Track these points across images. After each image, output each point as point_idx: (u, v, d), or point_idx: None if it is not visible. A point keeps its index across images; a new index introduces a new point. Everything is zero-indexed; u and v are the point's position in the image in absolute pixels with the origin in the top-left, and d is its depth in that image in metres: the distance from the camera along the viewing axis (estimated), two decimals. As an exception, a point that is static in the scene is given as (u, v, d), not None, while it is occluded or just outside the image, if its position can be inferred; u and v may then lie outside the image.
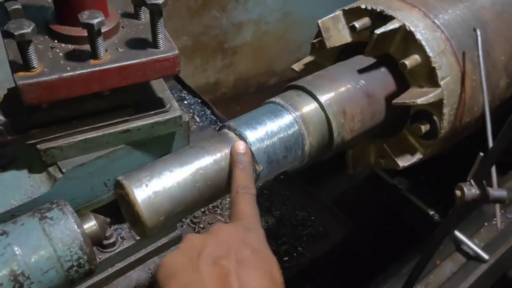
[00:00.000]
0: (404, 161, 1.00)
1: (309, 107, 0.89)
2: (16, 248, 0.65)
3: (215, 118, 1.76)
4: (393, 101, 0.93)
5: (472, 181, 0.80)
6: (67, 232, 0.68)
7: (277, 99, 0.91)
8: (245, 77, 3.53)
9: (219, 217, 1.42)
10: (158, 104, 1.02)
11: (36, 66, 0.83)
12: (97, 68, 0.86)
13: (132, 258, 1.17)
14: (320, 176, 1.82)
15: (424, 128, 0.94)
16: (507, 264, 1.64)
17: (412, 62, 0.90)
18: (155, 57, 0.90)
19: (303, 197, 1.59)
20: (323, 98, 0.90)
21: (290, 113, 0.88)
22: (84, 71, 0.85)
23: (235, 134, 0.85)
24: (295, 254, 1.44)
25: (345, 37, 1.03)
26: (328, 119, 0.89)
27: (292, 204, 1.57)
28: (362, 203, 1.72)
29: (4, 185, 0.94)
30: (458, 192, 0.79)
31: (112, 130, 0.97)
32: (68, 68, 0.85)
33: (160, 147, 1.08)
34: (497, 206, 0.89)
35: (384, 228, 1.71)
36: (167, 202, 0.76)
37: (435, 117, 0.93)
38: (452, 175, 2.00)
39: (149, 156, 1.07)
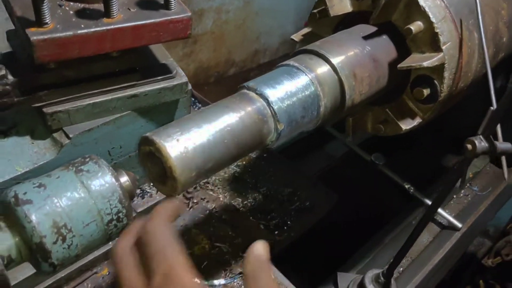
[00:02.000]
0: (406, 125, 1.05)
1: (322, 69, 0.92)
2: (56, 200, 0.62)
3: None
4: (399, 66, 0.97)
5: (481, 136, 0.85)
6: (106, 185, 0.66)
7: (290, 61, 0.93)
8: (205, 66, 3.51)
9: (210, 192, 1.42)
10: (164, 70, 1.01)
11: (48, 22, 0.80)
12: (111, 27, 0.84)
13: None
14: (299, 154, 1.85)
15: (426, 92, 0.99)
16: (476, 231, 1.75)
17: (416, 28, 0.95)
18: (168, 18, 0.89)
19: (288, 173, 1.61)
20: (335, 60, 0.92)
21: (305, 74, 0.90)
22: (98, 29, 0.83)
23: (256, 93, 0.85)
24: (285, 228, 1.46)
25: (347, 6, 1.06)
26: (341, 81, 0.92)
27: (277, 180, 1.59)
28: (341, 179, 1.77)
29: (7, 151, 0.89)
30: (469, 146, 0.85)
31: (120, 95, 0.95)
32: (82, 26, 0.82)
33: (163, 116, 1.06)
34: (503, 158, 0.95)
35: (363, 201, 1.78)
36: (199, 157, 0.75)
37: (435, 82, 0.98)
38: (420, 153, 2.11)
39: (152, 124, 1.05)
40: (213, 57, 3.51)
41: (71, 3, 0.86)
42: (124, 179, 0.69)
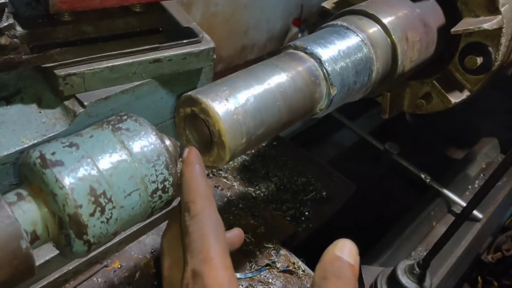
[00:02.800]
0: (455, 98, 0.96)
1: (373, 30, 0.82)
2: (93, 162, 0.50)
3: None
4: (452, 29, 0.88)
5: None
6: (150, 147, 0.54)
7: (337, 21, 0.82)
8: (194, 60, 3.39)
9: (224, 180, 1.30)
10: (189, 34, 0.89)
11: (68, -37, 0.67)
12: (140, -28, 0.71)
13: (145, 221, 1.01)
14: (307, 144, 1.75)
15: (479, 60, 0.90)
16: (496, 222, 1.68)
17: (473, -13, 0.86)
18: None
19: (300, 162, 1.51)
20: (386, 20, 0.83)
21: (356, 34, 0.79)
22: (126, -27, 0.70)
23: (306, 53, 0.74)
24: (303, 219, 1.35)
25: (389, -33, 0.96)
26: (394, 43, 0.82)
27: (290, 169, 1.48)
28: (352, 169, 1.68)
29: (11, 120, 0.76)
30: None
31: (141, 58, 0.82)
32: (107, -31, 0.69)
33: (184, 88, 0.94)
34: None
35: (376, 192, 1.69)
36: (250, 121, 0.64)
37: (490, 49, 0.89)
38: (438, 142, 2.04)
39: (172, 97, 0.93)
40: (201, 51, 3.39)
41: None
42: (168, 142, 0.57)
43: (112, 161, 0.51)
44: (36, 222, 0.48)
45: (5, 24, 0.65)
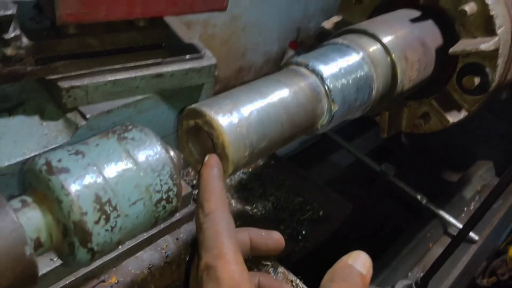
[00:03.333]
0: (453, 118, 0.97)
1: (373, 48, 0.83)
2: (99, 170, 0.50)
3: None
4: (451, 50, 0.89)
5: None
6: (155, 156, 0.54)
7: (338, 40, 0.84)
8: (190, 82, 3.41)
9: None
10: (192, 49, 0.90)
11: (75, -23, 0.68)
12: (146, -12, 0.73)
13: (143, 236, 1.00)
14: (303, 164, 1.76)
15: (477, 80, 0.91)
16: (492, 244, 1.68)
17: (471, 9, 0.88)
18: (207, -17, 0.78)
19: (297, 182, 1.51)
20: (386, 40, 0.84)
21: (357, 52, 0.81)
22: (131, -12, 0.72)
23: (308, 69, 0.75)
24: (299, 238, 1.35)
25: (387, -10, 0.99)
26: (394, 62, 0.84)
27: (287, 189, 1.49)
28: (350, 190, 1.68)
29: (13, 131, 0.76)
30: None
31: (144, 73, 0.83)
32: (113, -16, 0.71)
33: (186, 103, 0.94)
34: None
35: (375, 212, 1.69)
36: (253, 134, 0.64)
37: (487, 70, 0.91)
38: (433, 164, 2.05)
39: (173, 112, 0.94)
40: (198, 72, 3.41)
41: (97, -39, 0.75)
42: (173, 153, 0.57)
43: (118, 170, 0.51)
44: (40, 229, 0.48)
45: (12, 35, 0.66)
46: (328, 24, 1.07)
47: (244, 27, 3.51)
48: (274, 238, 0.69)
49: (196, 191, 0.58)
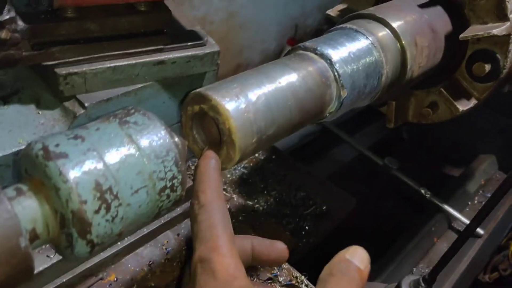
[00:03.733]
0: (462, 106, 0.94)
1: (383, 33, 0.80)
2: (99, 156, 0.46)
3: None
4: (461, 35, 0.87)
5: None
6: (159, 141, 0.51)
7: (346, 25, 0.81)
8: (187, 79, 3.37)
9: (226, 194, 1.27)
10: (194, 36, 0.87)
11: (73, -44, 0.65)
12: (147, -31, 0.69)
13: (143, 232, 0.97)
14: (305, 159, 1.73)
15: (487, 67, 0.88)
16: (497, 238, 1.66)
17: (481, -6, 0.85)
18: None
19: (299, 176, 1.48)
20: (396, 24, 0.81)
21: (367, 37, 0.78)
22: (132, -32, 0.68)
23: (316, 54, 0.72)
24: (303, 233, 1.32)
25: (395, -25, 0.96)
26: (403, 48, 0.81)
27: (288, 184, 1.45)
28: (353, 184, 1.65)
29: (8, 120, 0.72)
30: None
31: (145, 60, 0.80)
32: (112, -36, 0.67)
33: (187, 92, 0.91)
34: None
35: (378, 207, 1.66)
36: (261, 120, 0.61)
37: (498, 56, 0.88)
38: (436, 159, 2.02)
39: (174, 102, 0.90)
40: (196, 69, 3.38)
41: None
42: (177, 139, 0.54)
43: (119, 155, 0.48)
44: (36, 220, 0.44)
45: (6, 17, 0.62)
46: (333, 11, 1.04)
47: (242, 24, 3.47)
48: (277, 249, 0.67)
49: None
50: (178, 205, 0.55)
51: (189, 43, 0.84)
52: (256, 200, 1.35)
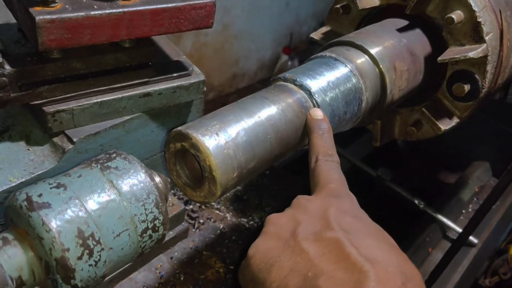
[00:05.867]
0: (444, 125, 0.96)
1: (361, 60, 0.82)
2: (80, 203, 0.48)
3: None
4: (439, 58, 0.89)
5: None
6: (140, 185, 0.53)
7: (325, 53, 0.83)
8: (184, 90, 3.39)
9: (216, 212, 1.28)
10: (179, 67, 0.89)
11: (56, 1, 0.67)
12: (129, 9, 0.72)
13: (136, 256, 0.99)
14: (299, 171, 1.74)
15: (467, 88, 0.91)
16: (491, 246, 1.67)
17: (458, 17, 0.87)
18: (191, 2, 0.78)
19: (293, 191, 1.49)
20: (374, 51, 0.83)
21: (345, 65, 0.80)
22: (114, 11, 0.71)
23: (295, 85, 0.75)
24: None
25: (373, 0, 0.98)
26: (382, 73, 0.83)
27: (283, 199, 1.47)
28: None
29: (-2, 159, 0.74)
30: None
31: (131, 93, 0.82)
32: (95, 7, 0.70)
33: (175, 120, 0.94)
34: None
35: (373, 218, 1.67)
36: (241, 155, 0.63)
37: (477, 76, 0.90)
38: (430, 166, 2.03)
39: (163, 130, 0.93)
40: (192, 81, 3.40)
41: (79, -16, 0.74)
42: (158, 179, 0.56)
43: (101, 201, 0.50)
44: (22, 268, 0.47)
45: (-7, 63, 0.65)
46: (316, 35, 1.06)
47: (236, 34, 3.51)
48: None
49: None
50: (160, 243, 0.57)
51: (175, 74, 0.87)
52: (250, 217, 1.37)
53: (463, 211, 1.71)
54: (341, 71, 0.79)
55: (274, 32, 3.63)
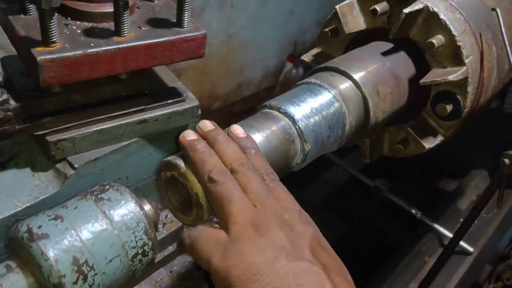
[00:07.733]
0: (429, 143, 1.00)
1: (345, 85, 0.87)
2: (76, 234, 0.54)
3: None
4: (421, 81, 0.93)
5: (517, 151, 0.81)
6: (130, 215, 0.58)
7: (311, 79, 0.88)
8: (190, 101, 3.45)
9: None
10: (174, 93, 0.94)
11: (56, 41, 0.73)
12: (124, 45, 0.77)
13: (137, 271, 1.04)
14: (297, 183, 1.79)
15: (449, 108, 0.95)
16: (488, 255, 1.70)
17: (438, 41, 0.92)
18: (183, 36, 0.83)
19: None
20: (357, 76, 0.88)
21: (328, 91, 0.85)
22: (110, 47, 0.76)
23: (280, 112, 0.80)
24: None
25: (361, 23, 1.03)
26: (365, 98, 0.88)
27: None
28: (345, 207, 1.71)
29: (5, 185, 0.80)
30: (506, 161, 0.80)
31: (129, 120, 0.87)
32: (92, 44, 0.75)
33: (172, 143, 0.99)
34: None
35: (367, 228, 1.71)
36: (226, 182, 0.68)
37: (458, 97, 0.95)
38: (428, 175, 2.06)
39: (160, 152, 0.98)
40: (197, 91, 3.45)
41: (78, 22, 0.80)
42: (148, 207, 0.62)
43: (94, 231, 0.55)
44: (24, 292, 0.52)
45: (0, 99, 0.71)
46: (307, 57, 1.11)
47: (241, 44, 3.56)
48: None
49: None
50: (151, 265, 0.62)
51: (170, 101, 0.92)
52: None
53: (460, 220, 1.74)
54: (325, 97, 0.84)
55: (278, 40, 3.67)
